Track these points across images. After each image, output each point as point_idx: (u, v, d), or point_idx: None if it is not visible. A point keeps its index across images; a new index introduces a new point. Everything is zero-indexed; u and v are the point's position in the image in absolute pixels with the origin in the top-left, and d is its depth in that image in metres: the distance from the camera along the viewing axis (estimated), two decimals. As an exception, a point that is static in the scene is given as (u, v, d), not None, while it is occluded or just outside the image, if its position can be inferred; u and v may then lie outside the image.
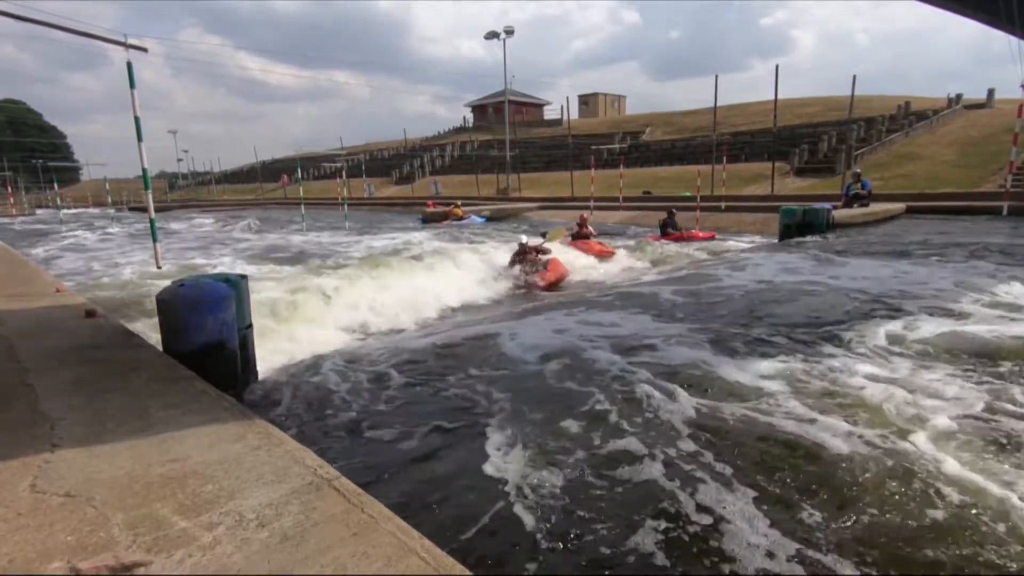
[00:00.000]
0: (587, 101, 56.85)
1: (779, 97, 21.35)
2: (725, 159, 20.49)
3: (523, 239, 9.13)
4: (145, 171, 7.41)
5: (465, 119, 60.38)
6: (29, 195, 56.21)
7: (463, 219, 20.90)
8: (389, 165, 49.23)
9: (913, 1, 12.87)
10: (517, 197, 29.97)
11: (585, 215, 12.51)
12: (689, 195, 19.35)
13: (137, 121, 7.15)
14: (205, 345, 3.52)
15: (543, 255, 8.62)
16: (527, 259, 8.54)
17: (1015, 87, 14.66)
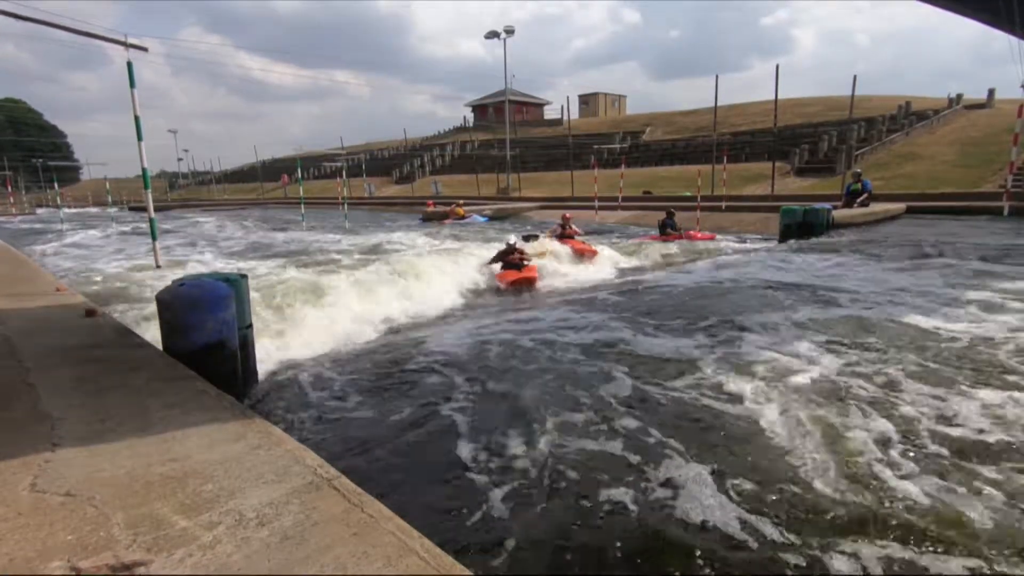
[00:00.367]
0: (587, 101, 56.89)
1: (779, 97, 21.31)
2: (725, 159, 20.44)
3: (512, 239, 9.16)
4: (145, 170, 7.42)
5: (465, 119, 60.51)
6: (29, 194, 56.30)
7: (465, 218, 21.01)
8: (389, 165, 49.23)
9: (913, 1, 12.92)
10: (517, 197, 29.96)
11: (567, 214, 12.27)
12: (689, 195, 19.35)
13: (137, 120, 7.16)
14: (205, 345, 3.52)
15: (524, 259, 8.72)
16: (509, 259, 8.61)
17: (1015, 87, 14.71)
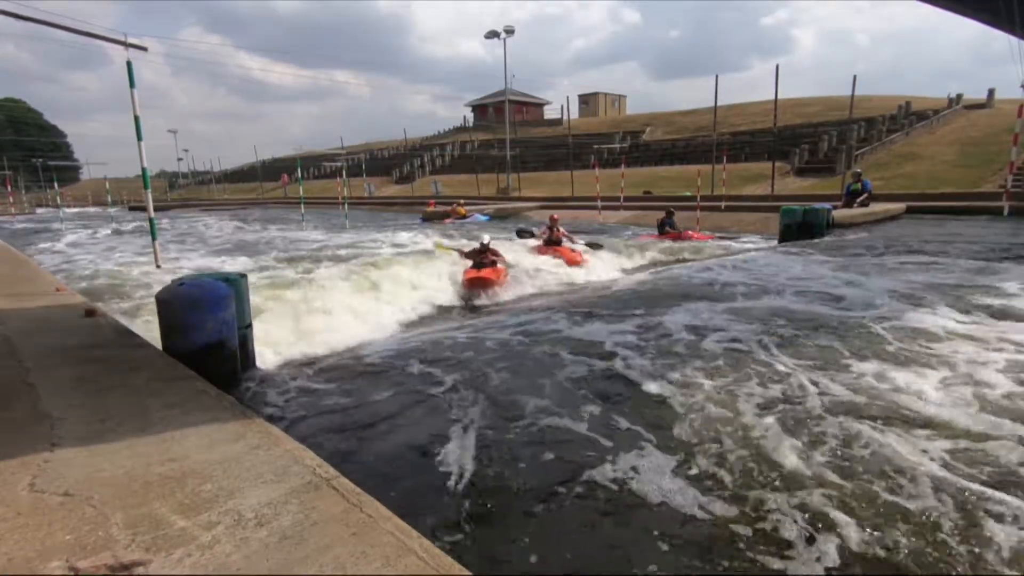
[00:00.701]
0: (587, 100, 56.88)
1: (779, 97, 21.28)
2: (725, 159, 20.46)
3: (485, 239, 9.08)
4: (144, 170, 7.42)
5: (465, 118, 60.49)
6: (29, 194, 56.33)
7: (466, 217, 21.09)
8: (389, 164, 49.23)
9: (913, 1, 12.91)
10: (517, 196, 29.96)
11: (555, 216, 11.17)
12: (689, 195, 19.35)
13: (137, 120, 7.16)
14: (205, 344, 3.53)
15: (496, 259, 8.70)
16: (480, 259, 8.61)
17: (1015, 87, 14.71)
